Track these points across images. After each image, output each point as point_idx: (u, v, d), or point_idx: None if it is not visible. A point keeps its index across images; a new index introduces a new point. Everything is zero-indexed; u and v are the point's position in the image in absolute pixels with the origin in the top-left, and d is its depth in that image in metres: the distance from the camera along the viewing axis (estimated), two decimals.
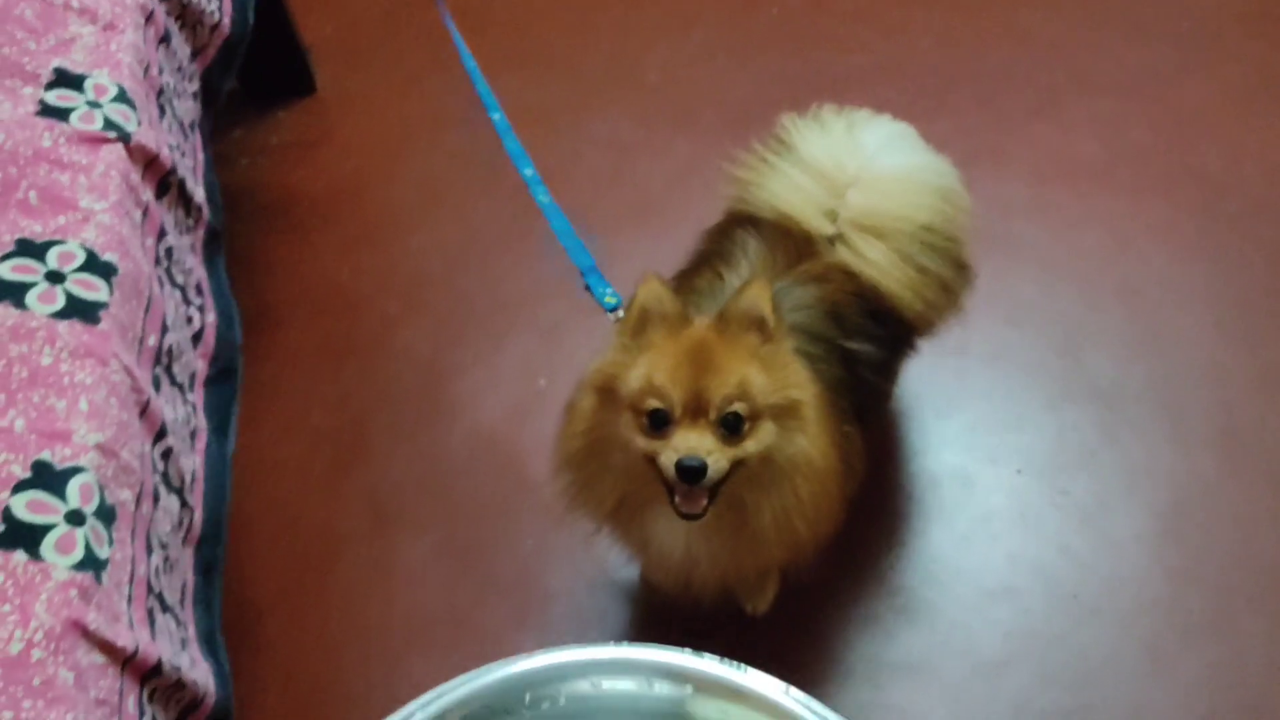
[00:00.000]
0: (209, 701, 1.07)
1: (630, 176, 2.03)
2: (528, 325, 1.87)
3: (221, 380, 1.31)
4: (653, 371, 1.12)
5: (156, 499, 1.10)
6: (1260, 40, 2.14)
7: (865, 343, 1.30)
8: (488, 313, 1.89)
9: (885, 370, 1.36)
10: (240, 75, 1.86)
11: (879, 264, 1.28)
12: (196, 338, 1.29)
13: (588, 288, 1.39)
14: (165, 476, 1.13)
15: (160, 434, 1.13)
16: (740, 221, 1.36)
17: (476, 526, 1.66)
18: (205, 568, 1.19)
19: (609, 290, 1.37)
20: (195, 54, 1.59)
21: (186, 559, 1.15)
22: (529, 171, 1.52)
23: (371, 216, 2.05)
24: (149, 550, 1.06)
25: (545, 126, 2.03)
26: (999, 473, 1.64)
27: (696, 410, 1.11)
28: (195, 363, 1.26)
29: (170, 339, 1.19)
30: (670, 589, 1.31)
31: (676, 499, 1.15)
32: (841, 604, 1.55)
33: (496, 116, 1.57)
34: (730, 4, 2.32)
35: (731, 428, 1.12)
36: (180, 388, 1.19)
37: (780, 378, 1.15)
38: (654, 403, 1.12)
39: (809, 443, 1.18)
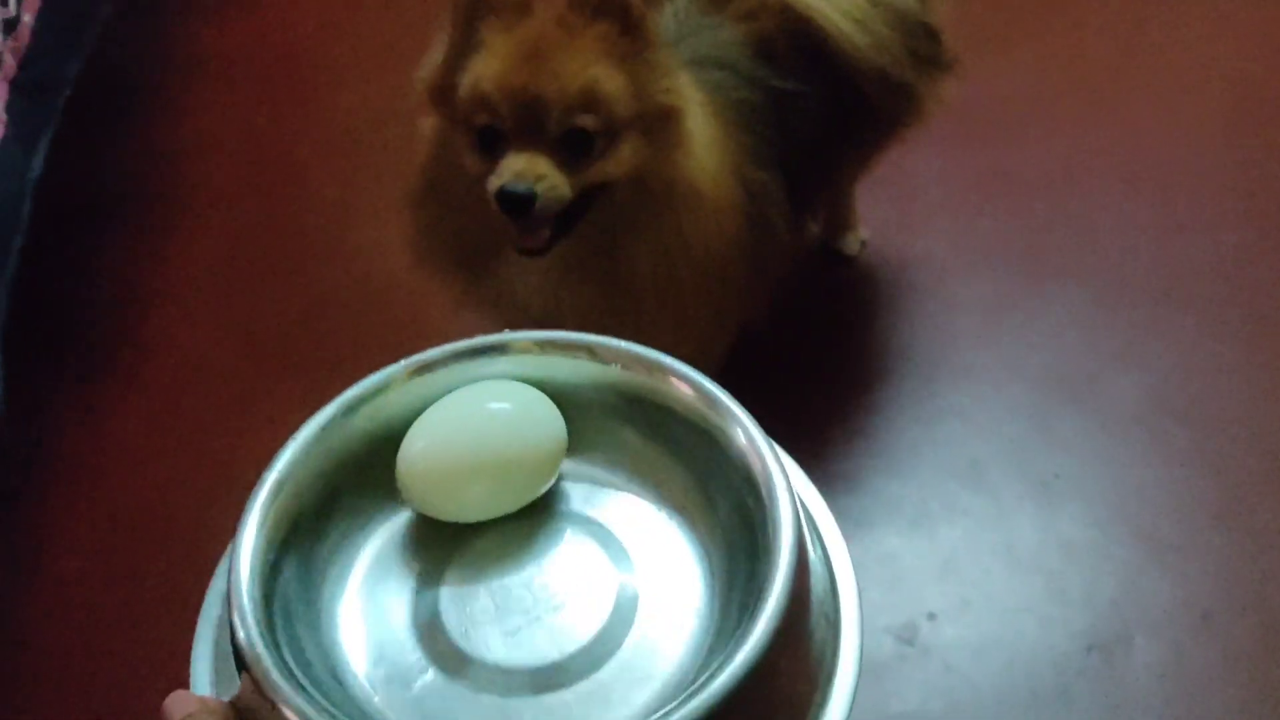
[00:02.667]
0: None
1: None
2: None
3: (36, 97, 1.11)
4: (480, 78, 0.89)
5: None
6: None
7: (801, 83, 1.06)
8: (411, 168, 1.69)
9: (830, 130, 1.11)
10: None
11: None
12: (9, 25, 1.09)
13: None
14: None
15: None
16: None
17: (357, 372, 1.41)
18: None
19: None
20: None
21: None
22: None
23: (305, 73, 1.87)
24: None
25: None
26: (982, 350, 1.39)
27: (531, 125, 0.89)
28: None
29: None
30: None
31: (516, 233, 0.92)
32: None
33: None
34: None
35: (577, 147, 0.90)
36: None
37: (648, 79, 0.91)
38: (483, 117, 0.90)
39: (692, 163, 0.94)
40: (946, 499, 1.24)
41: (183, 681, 0.49)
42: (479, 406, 0.54)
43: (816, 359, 1.40)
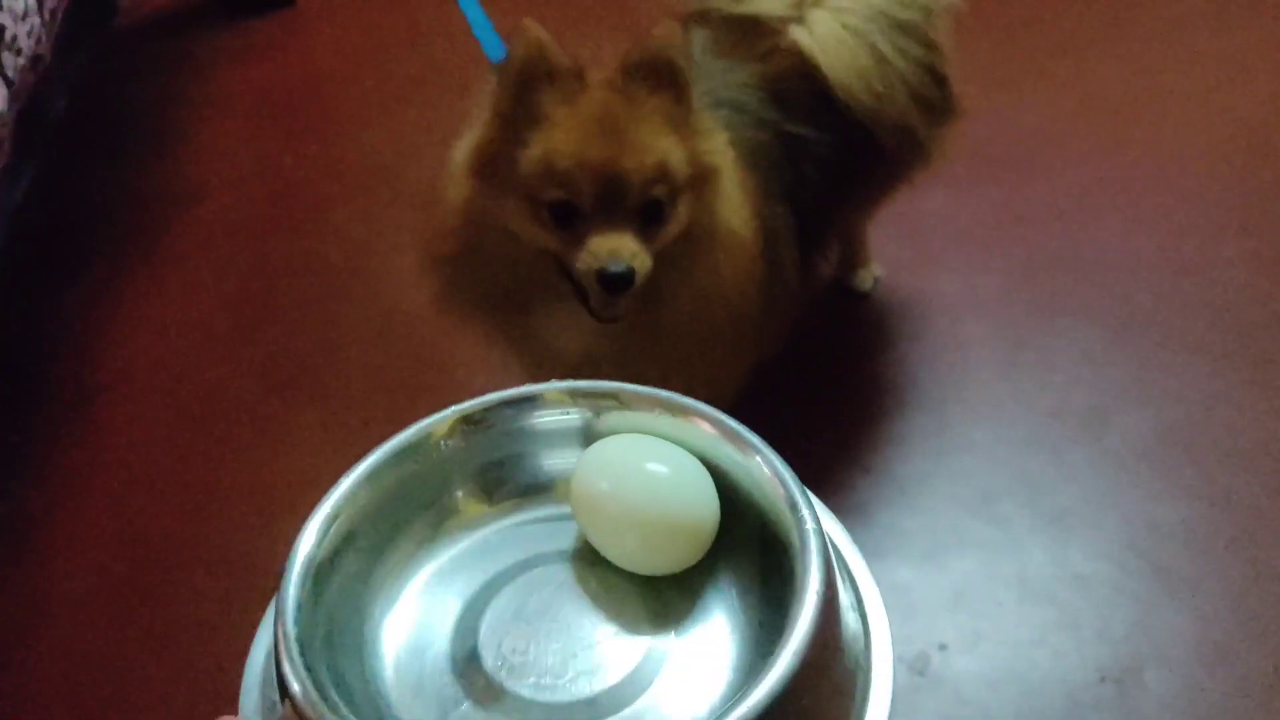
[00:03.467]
0: None
1: None
2: None
3: (32, 129, 1.14)
4: (553, 154, 0.90)
5: None
6: None
7: (811, 129, 1.09)
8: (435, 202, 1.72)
9: (839, 172, 1.13)
10: None
11: (824, 38, 1.09)
12: (35, 60, 1.13)
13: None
14: None
15: None
16: (693, 17, 1.18)
17: (375, 401, 1.45)
18: None
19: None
20: None
21: None
22: None
23: (328, 111, 1.92)
24: None
25: None
26: (994, 385, 1.40)
27: (612, 200, 0.90)
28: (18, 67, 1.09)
29: None
30: None
31: (591, 302, 0.94)
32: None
33: None
34: None
35: (652, 216, 0.92)
36: None
37: (695, 144, 0.94)
38: (558, 193, 0.91)
39: (729, 211, 0.98)
40: (959, 531, 1.25)
41: (219, 702, 0.50)
42: (657, 468, 0.55)
43: (830, 393, 1.42)
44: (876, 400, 1.40)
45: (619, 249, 0.90)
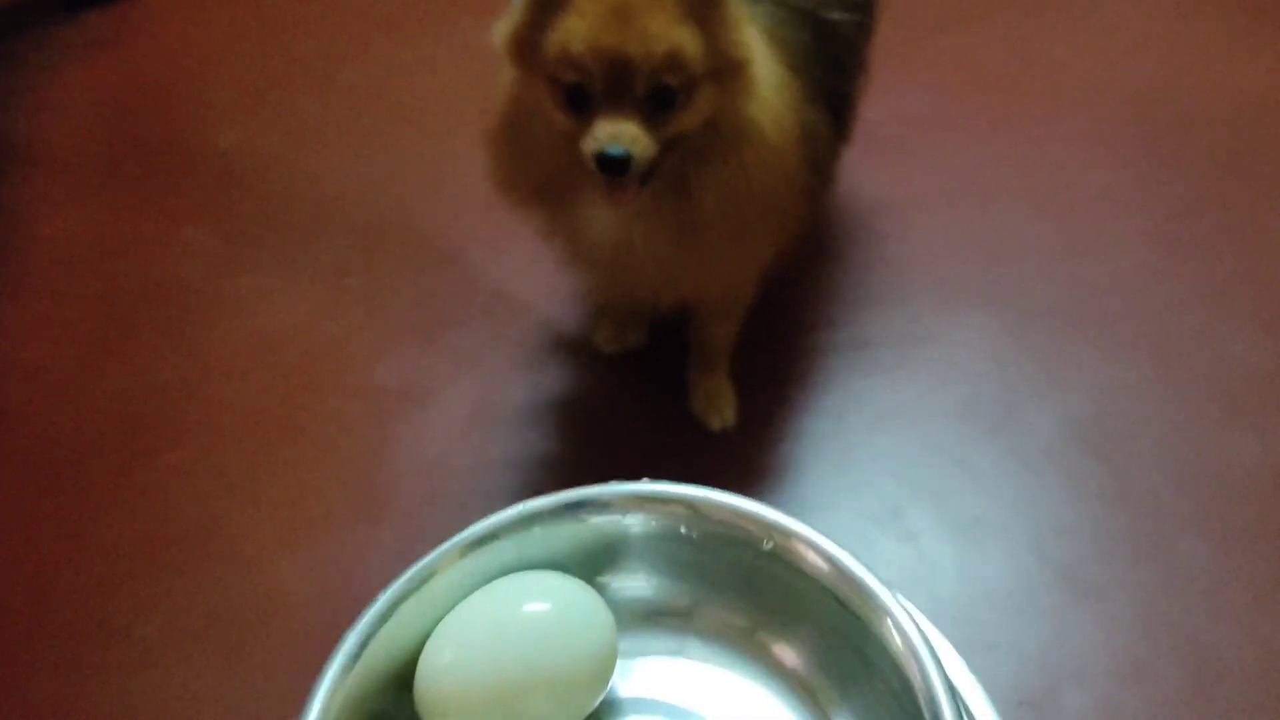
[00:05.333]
0: None
1: None
2: (343, 224, 1.58)
3: None
4: (569, 38, 0.92)
5: None
6: None
7: (844, 12, 1.16)
8: (297, 211, 1.60)
9: (857, 53, 1.24)
10: None
11: None
12: None
13: None
14: None
15: None
16: None
17: (247, 436, 1.34)
18: None
19: None
20: None
21: None
22: None
23: (177, 114, 1.78)
24: None
25: None
26: (896, 386, 1.35)
27: (620, 85, 0.93)
28: None
29: None
30: (608, 293, 1.20)
31: (607, 191, 0.97)
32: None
33: None
34: None
35: (662, 103, 0.94)
36: None
37: (720, 35, 0.95)
38: (571, 76, 0.93)
39: (757, 108, 1.00)
40: (867, 548, 1.20)
41: None
42: (514, 609, 0.45)
43: None
44: (766, 407, 1.33)
45: (620, 133, 0.92)
